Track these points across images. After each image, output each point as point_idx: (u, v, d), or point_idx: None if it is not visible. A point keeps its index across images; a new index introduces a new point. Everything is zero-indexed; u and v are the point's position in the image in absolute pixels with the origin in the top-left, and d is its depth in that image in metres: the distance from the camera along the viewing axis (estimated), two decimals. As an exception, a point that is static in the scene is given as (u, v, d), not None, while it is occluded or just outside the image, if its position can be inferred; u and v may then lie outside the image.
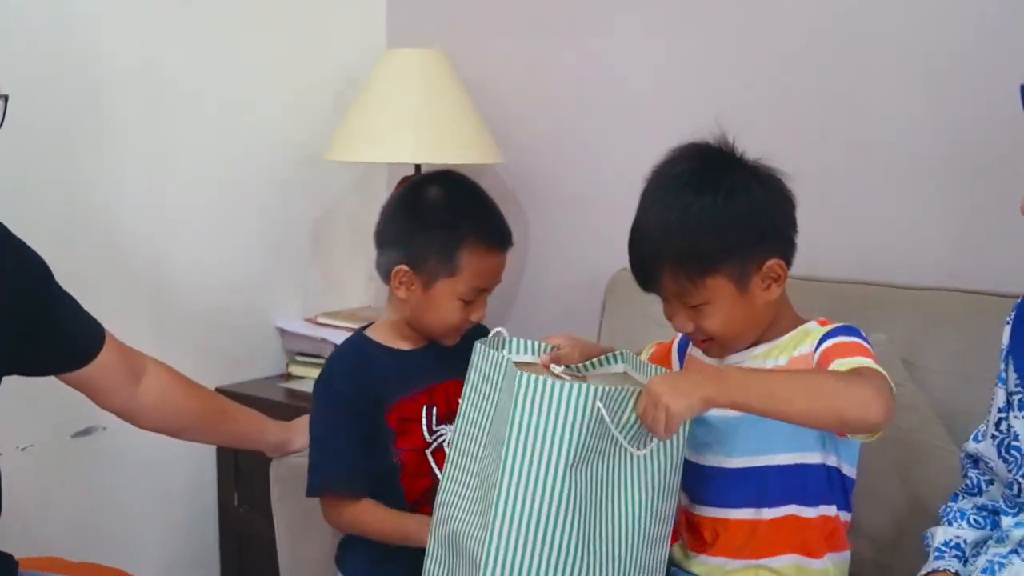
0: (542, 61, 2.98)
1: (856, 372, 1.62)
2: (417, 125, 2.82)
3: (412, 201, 2.08)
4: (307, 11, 3.10)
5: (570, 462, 1.58)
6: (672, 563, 1.85)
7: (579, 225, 2.94)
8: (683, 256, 1.70)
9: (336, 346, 2.22)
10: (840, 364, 1.65)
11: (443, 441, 2.06)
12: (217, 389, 2.93)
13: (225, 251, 3.00)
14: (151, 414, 2.11)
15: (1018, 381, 1.65)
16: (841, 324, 1.76)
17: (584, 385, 1.58)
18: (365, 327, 2.17)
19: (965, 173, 2.35)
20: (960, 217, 2.37)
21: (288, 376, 3.08)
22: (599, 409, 1.57)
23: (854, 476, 1.80)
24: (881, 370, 1.63)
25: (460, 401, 1.82)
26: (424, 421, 2.06)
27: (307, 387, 2.92)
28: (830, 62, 2.52)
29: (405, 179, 2.86)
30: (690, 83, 2.73)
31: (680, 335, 1.97)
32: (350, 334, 2.45)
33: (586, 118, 2.92)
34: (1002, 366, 1.69)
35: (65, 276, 1.97)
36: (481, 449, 1.74)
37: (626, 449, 1.63)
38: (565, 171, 2.97)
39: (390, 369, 2.07)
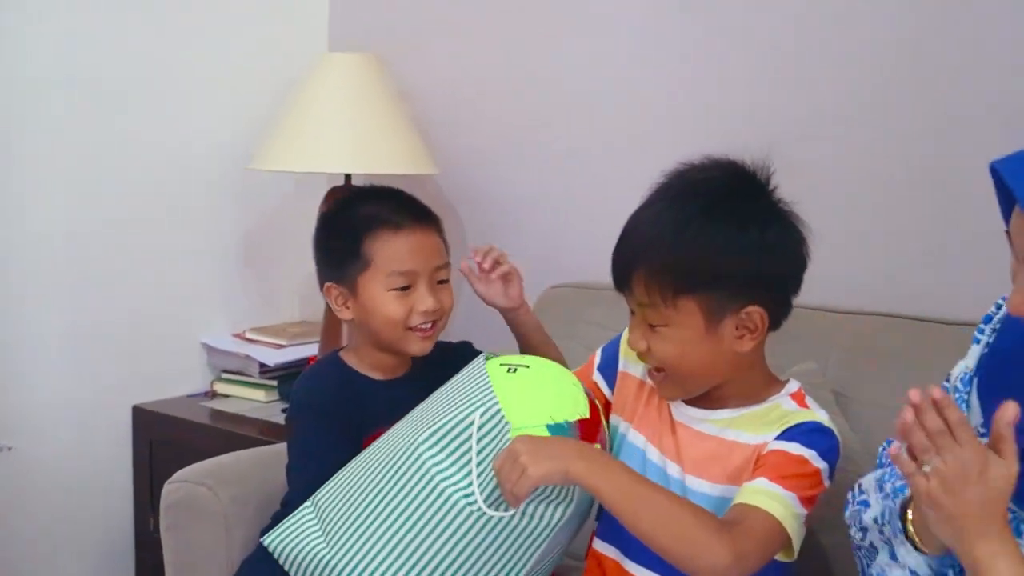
0: (482, 69, 2.91)
1: (732, 523, 1.52)
2: (349, 133, 2.73)
3: (322, 219, 2.05)
4: (246, 12, 2.99)
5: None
6: None
7: (515, 239, 2.83)
8: (662, 267, 1.58)
9: (307, 367, 2.12)
10: (755, 489, 1.56)
11: None
12: (136, 408, 2.86)
13: (148, 262, 2.89)
14: None
15: (983, 425, 1.49)
16: (811, 422, 1.62)
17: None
18: (339, 350, 2.08)
19: (901, 197, 2.28)
20: (896, 241, 2.29)
21: (213, 394, 2.98)
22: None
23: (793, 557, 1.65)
24: (787, 522, 1.54)
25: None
26: None
27: (233, 407, 2.85)
28: (767, 77, 2.44)
29: (333, 191, 2.76)
30: (630, 95, 2.66)
31: (601, 357, 1.86)
32: (279, 352, 2.37)
33: (524, 130, 2.85)
34: (954, 396, 1.53)
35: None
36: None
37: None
38: (502, 184, 2.89)
39: (372, 398, 1.97)
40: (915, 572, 1.43)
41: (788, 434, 1.61)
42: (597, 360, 1.88)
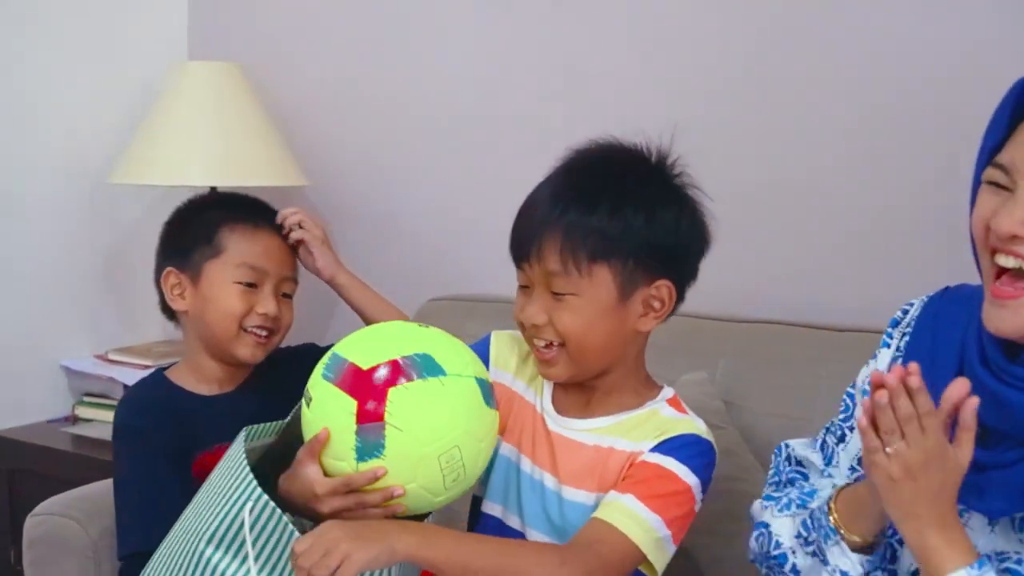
0: (350, 80, 2.85)
1: (583, 546, 1.51)
2: (213, 145, 2.65)
3: (178, 208, 2.02)
4: (101, 18, 2.88)
5: None
6: None
7: (389, 253, 2.81)
8: (586, 229, 1.53)
9: (128, 387, 2.00)
10: (619, 507, 1.54)
11: None
12: (-7, 436, 2.70)
13: (1, 281, 2.76)
14: None
15: None
16: (690, 435, 1.59)
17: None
18: (164, 368, 2.01)
19: (788, 205, 2.28)
20: (784, 249, 2.28)
21: (75, 419, 2.86)
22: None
23: None
24: (646, 547, 1.53)
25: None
26: None
27: (96, 432, 2.75)
28: (645, 84, 2.41)
29: None
30: (506, 109, 2.62)
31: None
32: (144, 373, 2.27)
33: (397, 142, 2.79)
34: (860, 399, 1.52)
35: None
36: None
37: None
38: (374, 196, 2.84)
39: (195, 416, 1.89)
40: (846, 574, 1.42)
41: (665, 446, 1.58)
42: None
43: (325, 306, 2.91)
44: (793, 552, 1.48)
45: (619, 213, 1.53)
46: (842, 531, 1.40)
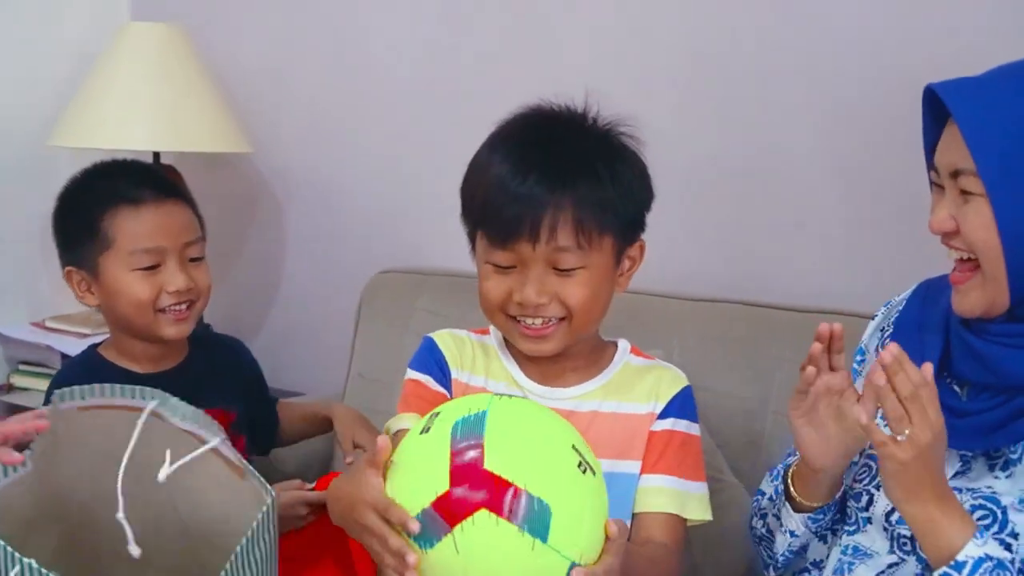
0: (297, 43, 2.78)
1: (660, 560, 1.54)
2: (156, 109, 2.57)
3: (59, 198, 1.91)
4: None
5: None
6: None
7: (337, 224, 2.75)
8: (591, 202, 1.49)
9: (62, 364, 1.93)
10: (673, 493, 1.56)
11: None
12: (-77, 404, 2.63)
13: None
14: None
15: None
16: (685, 388, 1.63)
17: None
18: (98, 344, 1.94)
19: (745, 183, 2.23)
20: (740, 227, 2.24)
21: (9, 388, 2.80)
22: None
23: None
24: (705, 515, 1.59)
25: None
26: None
27: (32, 401, 2.68)
28: (601, 58, 2.35)
29: None
30: (455, 70, 2.55)
31: (424, 373, 1.67)
32: (82, 343, 2.21)
33: (344, 106, 2.73)
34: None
35: None
36: None
37: None
38: (321, 164, 2.78)
39: None
40: (794, 533, 1.51)
41: (674, 409, 1.60)
42: (421, 377, 1.67)
43: (264, 292, 2.87)
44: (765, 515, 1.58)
45: (618, 179, 1.52)
46: (793, 492, 1.50)
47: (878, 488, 1.46)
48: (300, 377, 2.70)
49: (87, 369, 1.87)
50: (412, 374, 1.65)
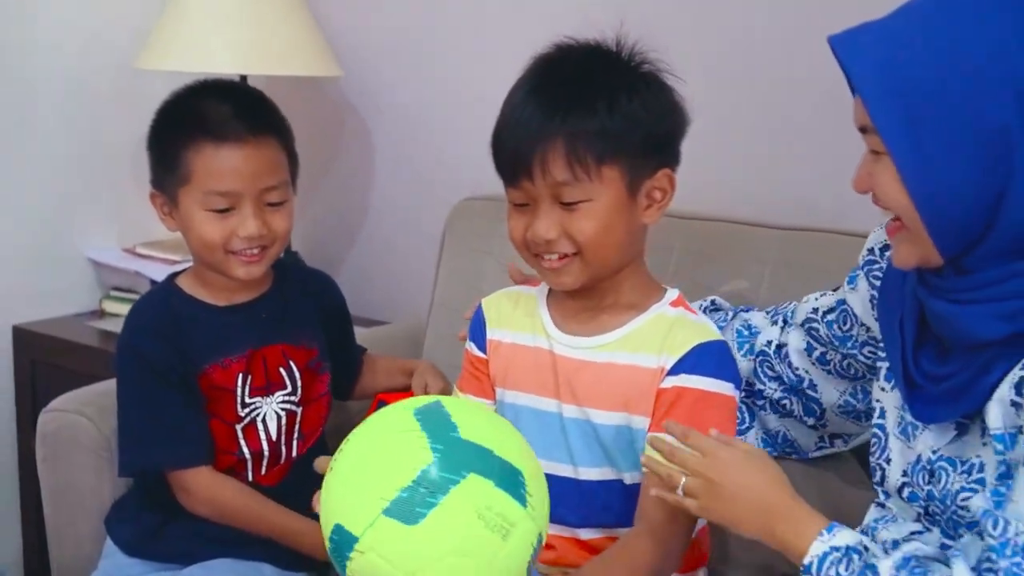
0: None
1: (657, 524, 1.52)
2: (244, 30, 2.51)
3: (157, 114, 1.89)
4: None
5: None
6: None
7: (426, 149, 2.71)
8: (592, 132, 1.49)
9: (140, 296, 1.93)
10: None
11: (256, 416, 1.83)
12: (17, 328, 2.67)
13: (26, 170, 2.68)
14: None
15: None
16: (711, 342, 1.57)
17: None
18: (176, 274, 1.92)
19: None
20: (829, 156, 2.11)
21: (102, 313, 2.80)
22: None
23: None
24: None
25: None
26: (238, 392, 1.81)
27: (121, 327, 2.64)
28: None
29: None
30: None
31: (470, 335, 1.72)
32: (172, 269, 2.22)
33: (434, 29, 2.66)
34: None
35: None
36: None
37: None
38: (412, 88, 2.71)
39: (202, 329, 1.82)
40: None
41: (691, 363, 1.54)
42: (468, 345, 1.73)
43: (350, 219, 2.83)
44: None
45: (616, 108, 1.50)
46: None
47: (888, 462, 1.45)
48: (385, 306, 2.68)
49: (162, 300, 1.86)
50: (466, 343, 1.72)
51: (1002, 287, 1.26)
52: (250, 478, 1.83)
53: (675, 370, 1.54)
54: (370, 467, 1.26)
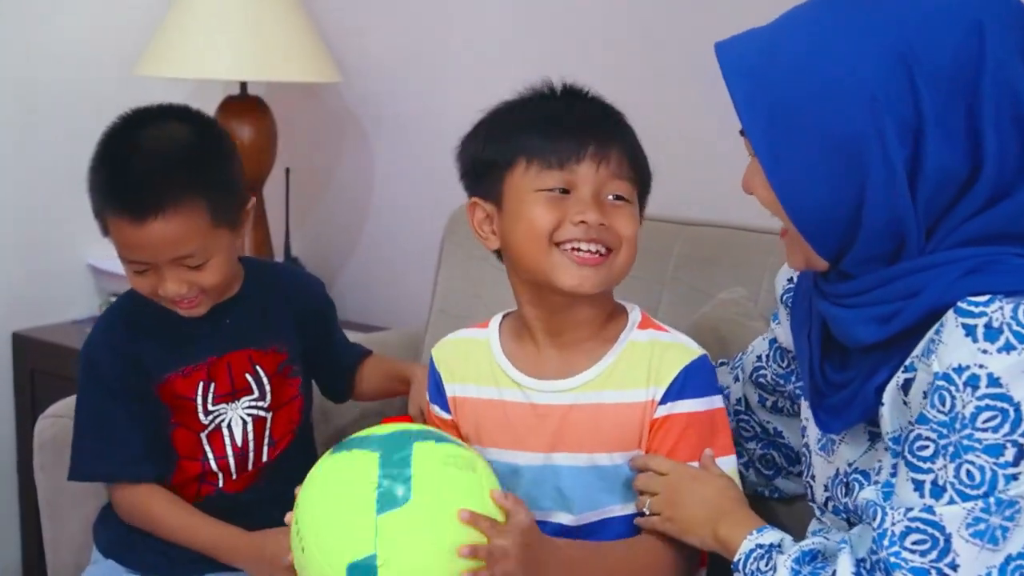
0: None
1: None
2: (241, 37, 2.53)
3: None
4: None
5: None
6: None
7: (426, 155, 2.70)
8: (637, 148, 1.58)
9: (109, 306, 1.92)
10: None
11: (221, 422, 1.80)
12: (16, 334, 2.67)
13: (27, 176, 2.70)
14: None
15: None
16: (695, 361, 1.56)
17: None
18: None
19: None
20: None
21: (101, 319, 2.76)
22: None
23: None
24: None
25: None
26: (199, 400, 1.78)
27: None
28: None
29: (230, 99, 2.59)
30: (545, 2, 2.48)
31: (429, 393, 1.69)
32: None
33: (437, 35, 2.67)
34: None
35: None
36: None
37: None
38: (412, 95, 2.72)
39: (162, 338, 1.77)
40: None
41: (679, 388, 1.53)
42: (432, 408, 1.68)
43: (350, 225, 2.82)
44: None
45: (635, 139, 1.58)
46: None
47: (813, 478, 1.47)
48: (384, 312, 2.67)
49: (125, 309, 1.84)
50: (429, 403, 1.69)
51: (878, 291, 1.28)
52: (220, 484, 1.81)
53: (665, 399, 1.53)
54: (331, 496, 1.40)
